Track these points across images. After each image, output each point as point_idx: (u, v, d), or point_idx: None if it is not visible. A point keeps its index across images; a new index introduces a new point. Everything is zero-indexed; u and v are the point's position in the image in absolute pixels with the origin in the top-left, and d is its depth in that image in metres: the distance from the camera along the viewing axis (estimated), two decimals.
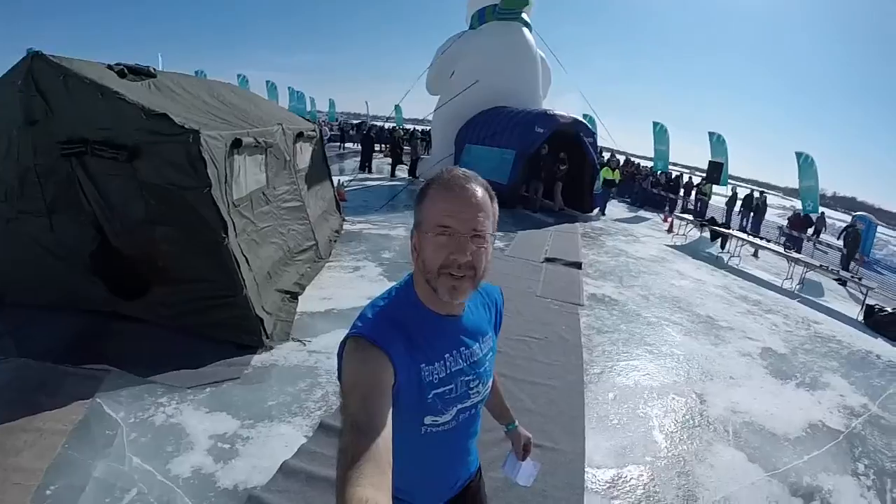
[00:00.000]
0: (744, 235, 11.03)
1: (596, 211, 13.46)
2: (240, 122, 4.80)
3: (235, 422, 3.09)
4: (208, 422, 3.07)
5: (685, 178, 18.57)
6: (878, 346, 6.55)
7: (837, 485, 3.35)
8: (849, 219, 15.94)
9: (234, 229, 3.96)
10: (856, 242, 11.55)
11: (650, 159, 18.57)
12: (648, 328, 5.51)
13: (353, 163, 16.80)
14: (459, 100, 13.29)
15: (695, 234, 12.65)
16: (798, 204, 14.53)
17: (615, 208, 15.08)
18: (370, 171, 16.00)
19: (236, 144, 4.18)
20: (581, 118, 13.56)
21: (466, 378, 1.07)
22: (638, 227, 13.06)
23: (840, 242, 14.94)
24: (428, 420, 1.02)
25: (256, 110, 5.66)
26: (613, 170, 13.97)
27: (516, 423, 1.48)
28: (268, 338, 3.95)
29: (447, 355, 1.03)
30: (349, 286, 5.52)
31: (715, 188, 16.38)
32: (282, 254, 5.06)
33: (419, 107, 15.06)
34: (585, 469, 2.98)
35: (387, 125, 25.72)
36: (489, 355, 1.15)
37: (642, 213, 16.22)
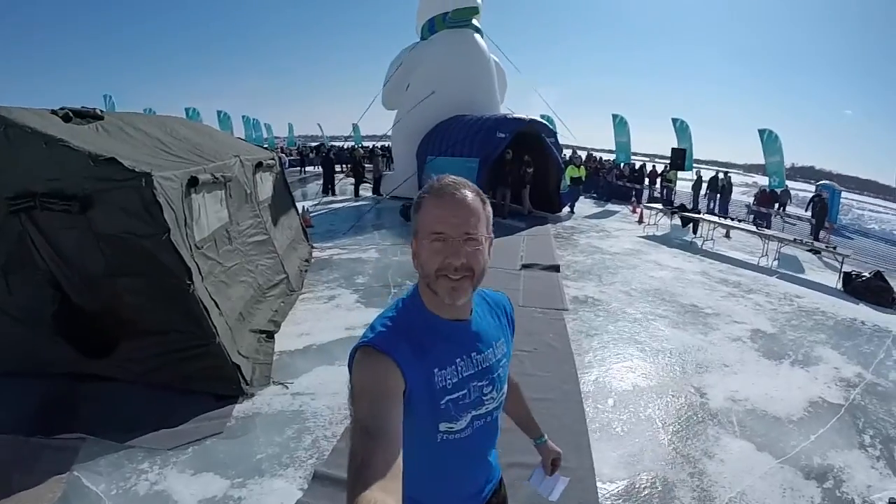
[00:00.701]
0: (715, 218, 11.38)
1: (566, 210, 13.65)
2: (195, 157, 4.66)
3: (224, 481, 2.91)
4: (195, 485, 2.87)
5: (649, 168, 19.05)
6: (862, 312, 6.78)
7: (847, 460, 3.41)
8: (811, 188, 16.68)
9: (200, 273, 3.82)
10: (823, 212, 12.06)
11: (613, 152, 19.02)
12: (636, 325, 5.54)
13: (316, 186, 16.68)
14: (417, 112, 13.41)
15: (665, 222, 12.95)
16: (760, 179, 15.12)
17: (583, 205, 15.34)
18: (334, 194, 15.98)
19: (193, 183, 4.05)
20: (539, 118, 13.80)
21: (479, 384, 1.09)
22: (609, 222, 13.31)
23: (807, 213, 15.60)
24: (443, 427, 1.04)
25: (212, 143, 5.52)
26: (578, 167, 14.23)
27: (545, 437, 1.50)
28: (248, 384, 3.80)
29: (458, 360, 1.06)
30: (326, 318, 5.38)
31: (679, 173, 16.84)
32: (252, 291, 4.92)
33: (377, 123, 15.16)
34: (597, 485, 2.92)
35: (346, 145, 25.56)
36: (503, 361, 1.17)
37: (610, 206, 16.57)
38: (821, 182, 15.34)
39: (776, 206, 14.10)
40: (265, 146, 29.40)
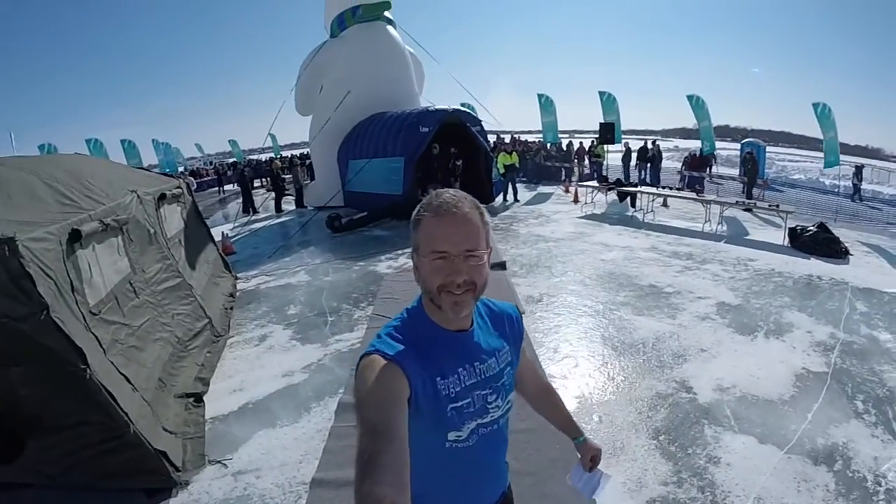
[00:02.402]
0: (653, 190, 11.66)
1: (500, 199, 13.61)
2: (80, 202, 3.95)
3: None
4: None
5: (576, 145, 19.49)
6: (815, 266, 7.12)
7: (848, 434, 3.43)
8: (731, 146, 17.71)
9: (101, 346, 3.29)
10: (755, 170, 12.75)
11: (539, 132, 19.29)
12: (600, 319, 5.39)
13: (237, 205, 15.72)
14: (334, 115, 13.08)
15: (601, 198, 13.20)
16: (681, 143, 15.85)
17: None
18: (255, 212, 15.22)
19: (75, 237, 3.43)
20: (461, 107, 13.73)
21: (483, 392, 1.15)
22: (545, 206, 13.39)
23: (732, 171, 16.58)
24: (452, 436, 1.10)
25: (102, 182, 4.74)
26: (510, 153, 14.18)
27: (585, 435, 1.56)
28: (180, 470, 3.25)
29: (460, 369, 1.12)
30: (259, 365, 4.78)
31: (607, 146, 17.30)
32: (171, 348, 4.31)
33: (296, 130, 14.54)
34: None
35: (265, 157, 24.56)
36: (507, 370, 1.23)
37: (542, 188, 16.80)
38: (745, 140, 16.31)
39: (707, 168, 14.78)
40: (180, 171, 27.89)
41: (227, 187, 24.08)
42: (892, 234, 9.72)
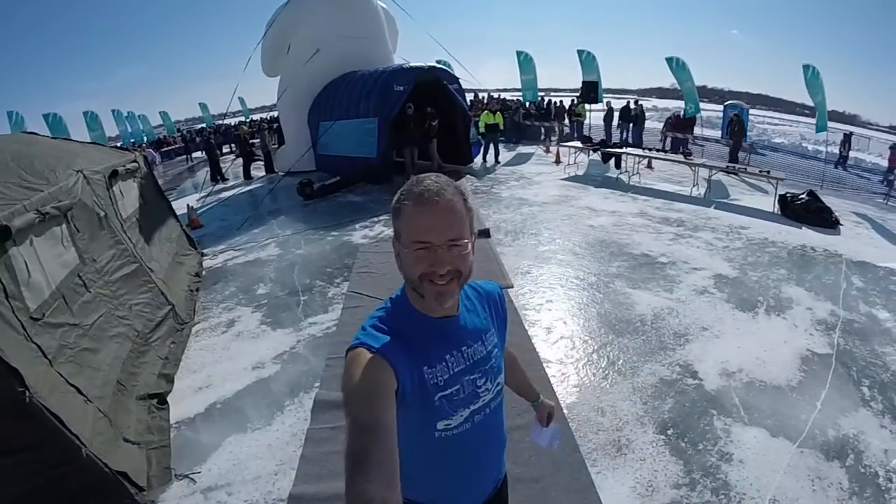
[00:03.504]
0: (640, 152, 11.36)
1: (479, 161, 13.19)
2: (11, 192, 3.39)
3: None
4: None
5: (557, 104, 19.03)
6: (807, 236, 7.00)
7: (857, 424, 3.31)
8: (712, 108, 17.50)
9: (46, 356, 2.85)
10: (740, 133, 12.57)
11: (518, 91, 18.77)
12: (594, 292, 5.13)
13: (206, 173, 15.05)
14: (303, 75, 12.55)
15: (583, 159, 12.88)
16: (658, 102, 15.58)
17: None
18: (224, 180, 14.59)
19: (4, 235, 2.89)
20: (436, 64, 13.14)
21: (472, 377, 1.15)
22: (526, 167, 13.02)
23: (715, 133, 16.42)
24: (441, 425, 1.10)
25: (42, 165, 4.14)
26: (494, 112, 13.62)
27: (541, 397, 1.66)
28: (144, 489, 2.88)
29: (448, 356, 1.12)
30: (227, 356, 4.35)
31: (587, 106, 16.91)
32: (131, 344, 3.86)
33: (267, 93, 13.84)
34: None
35: (234, 122, 23.62)
36: (494, 352, 1.23)
37: (522, 148, 16.38)
38: (728, 102, 16.08)
39: (690, 130, 14.56)
40: (144, 141, 27.48)
41: (195, 155, 23.37)
42: (877, 203, 9.73)
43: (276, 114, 18.08)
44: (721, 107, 17.69)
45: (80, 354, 3.22)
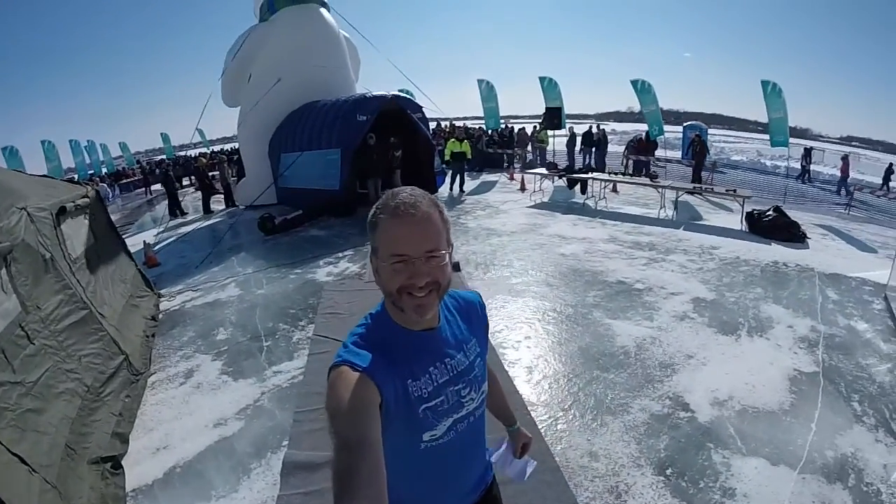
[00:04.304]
0: (606, 176, 11.61)
1: (446, 190, 13.25)
2: None
3: None
4: None
5: (516, 129, 19.40)
6: (778, 252, 7.20)
7: (854, 442, 3.35)
8: (673, 129, 18.17)
9: None
10: (702, 153, 12.98)
11: (480, 118, 19.08)
12: (573, 325, 5.08)
13: (166, 207, 14.65)
14: (263, 105, 12.45)
15: (548, 185, 13.07)
16: (617, 126, 16.00)
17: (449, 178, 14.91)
18: (183, 214, 14.31)
19: None
20: (399, 93, 13.24)
21: (456, 387, 1.18)
22: (491, 195, 13.13)
23: (674, 154, 16.96)
24: (426, 437, 1.12)
25: None
26: (461, 141, 13.71)
27: (517, 424, 1.64)
28: None
29: (431, 368, 1.14)
30: (186, 410, 4.07)
31: (549, 131, 17.29)
32: (80, 401, 3.55)
33: (229, 124, 13.72)
34: None
35: (193, 153, 23.27)
36: (477, 361, 1.26)
37: (485, 176, 16.56)
38: (688, 123, 16.68)
39: (653, 153, 15.00)
40: (104, 172, 27.39)
41: (154, 187, 23.13)
42: (840, 214, 10.13)
43: (236, 145, 17.96)
44: (680, 128, 18.34)
45: (23, 417, 2.94)
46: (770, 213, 8.04)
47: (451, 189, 13.43)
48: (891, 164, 15.24)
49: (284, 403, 3.98)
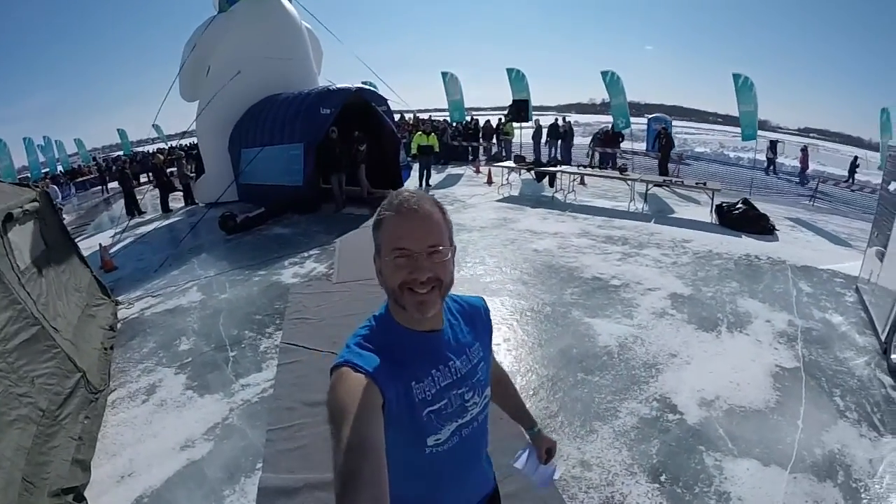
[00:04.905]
0: (575, 169, 11.67)
1: (415, 186, 13.09)
2: None
3: None
4: None
5: (481, 122, 19.38)
6: (749, 245, 7.37)
7: (840, 438, 3.42)
8: (637, 120, 18.46)
9: None
10: (668, 146, 13.20)
11: (445, 111, 18.98)
12: (553, 325, 5.04)
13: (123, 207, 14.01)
14: (223, 99, 12.12)
15: (515, 178, 13.07)
16: (576, 117, 16.11)
17: (416, 173, 14.76)
18: (140, 213, 13.70)
19: None
20: (363, 85, 13.06)
21: (459, 391, 1.19)
22: (457, 189, 13.07)
23: (638, 146, 17.24)
24: (431, 441, 1.13)
25: None
26: (428, 134, 13.56)
27: (538, 425, 1.64)
28: None
29: (434, 371, 1.15)
30: (150, 432, 3.79)
31: (514, 123, 17.31)
32: (35, 427, 3.25)
33: (189, 118, 13.10)
34: None
35: (151, 149, 22.49)
36: (480, 365, 1.27)
37: (450, 169, 16.47)
38: (653, 115, 16.97)
39: (618, 145, 15.21)
40: (59, 171, 26.75)
41: (111, 185, 22.52)
42: (804, 206, 10.46)
43: (194, 140, 17.41)
44: (643, 120, 18.66)
45: None
46: (739, 205, 8.22)
47: (420, 183, 13.30)
48: (856, 158, 15.96)
49: (255, 420, 3.77)
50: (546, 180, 12.68)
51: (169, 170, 14.87)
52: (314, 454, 3.19)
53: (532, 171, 12.60)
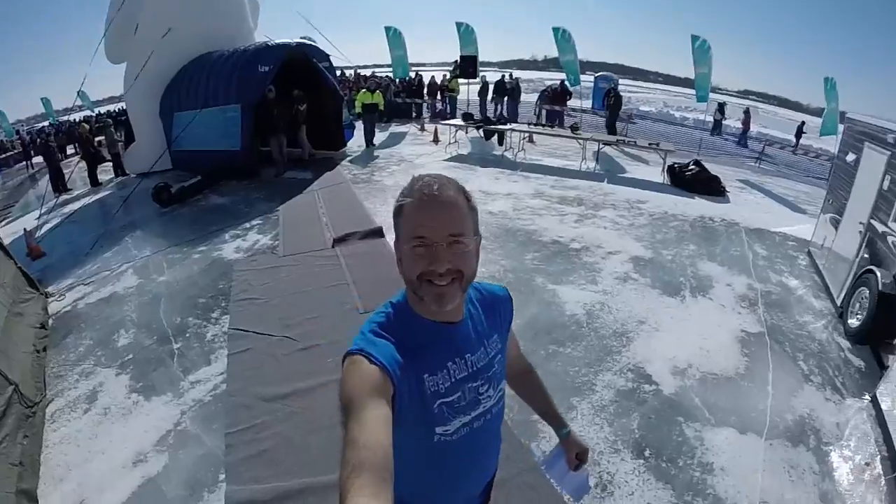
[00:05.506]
0: (526, 128, 11.54)
1: (361, 146, 12.61)
2: None
3: None
4: None
5: (428, 79, 18.87)
6: (702, 206, 7.54)
7: (808, 403, 3.55)
8: (586, 79, 18.50)
9: None
10: (618, 105, 13.26)
11: (388, 66, 18.28)
12: (517, 293, 4.62)
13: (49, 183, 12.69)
14: (153, 59, 11.06)
15: (462, 137, 12.83)
16: (521, 75, 15.97)
17: (360, 132, 14.25)
18: (67, 190, 12.47)
19: None
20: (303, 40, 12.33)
21: (474, 384, 1.16)
22: (403, 147, 12.69)
23: (586, 104, 17.32)
24: (440, 430, 1.11)
25: None
26: (373, 91, 13.04)
27: (569, 427, 1.55)
28: None
29: (450, 363, 1.13)
30: (96, 448, 3.32)
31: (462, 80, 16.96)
32: None
33: (113, 84, 11.91)
34: None
35: (77, 118, 20.50)
36: (497, 357, 1.24)
37: (394, 127, 15.99)
38: (600, 74, 16.97)
39: (566, 103, 15.17)
40: None
41: (36, 160, 20.52)
42: (751, 167, 10.80)
43: (123, 105, 16.09)
44: (590, 78, 18.69)
45: None
46: (692, 166, 8.36)
47: (367, 143, 12.82)
48: (802, 123, 16.70)
49: (211, 423, 3.39)
50: (495, 138, 12.50)
51: (97, 139, 13.73)
52: (280, 458, 2.91)
53: (480, 130, 12.37)
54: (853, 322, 4.26)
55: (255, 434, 3.13)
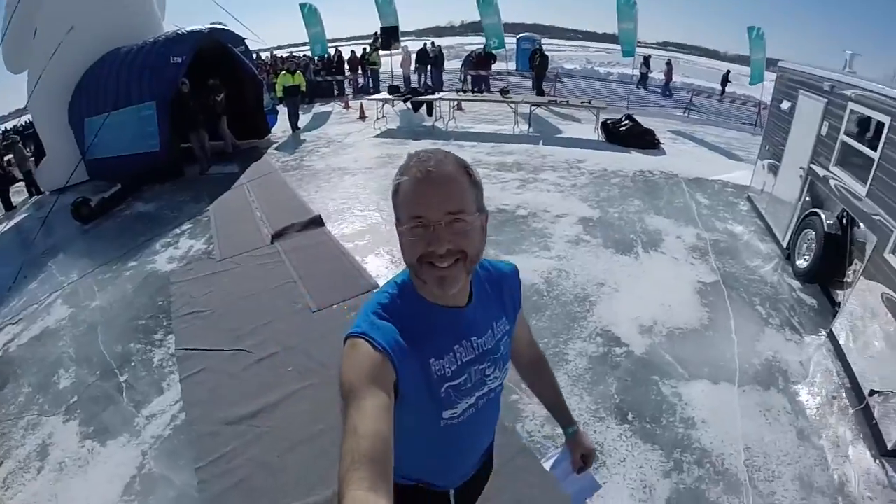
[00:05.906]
0: (455, 95, 11.39)
1: (287, 131, 12.08)
2: None
3: None
4: None
5: (347, 54, 18.33)
6: (639, 161, 7.69)
7: (771, 345, 3.68)
8: (508, 40, 18.47)
9: None
10: (543, 65, 13.28)
11: (305, 45, 17.62)
12: None
13: None
14: (57, 63, 10.09)
15: (388, 110, 12.53)
16: (435, 41, 15.82)
17: (283, 117, 13.67)
18: None
19: None
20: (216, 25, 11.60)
21: (481, 367, 1.15)
22: (331, 128, 12.25)
23: (510, 67, 17.30)
24: (447, 414, 1.11)
25: None
26: (293, 73, 12.52)
27: (577, 426, 1.52)
28: None
29: (456, 347, 1.10)
30: None
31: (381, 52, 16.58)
32: None
33: (17, 95, 10.70)
34: None
35: None
36: (504, 339, 1.23)
37: (317, 107, 15.44)
38: (521, 35, 16.90)
39: (490, 67, 15.09)
40: None
41: None
42: (680, 118, 11.09)
43: (29, 118, 14.69)
44: (512, 39, 18.62)
45: None
46: (625, 121, 8.47)
47: (292, 127, 12.28)
48: (728, 72, 17.32)
49: (177, 459, 3.05)
50: (423, 109, 12.28)
51: (5, 158, 12.51)
52: (258, 485, 2.67)
53: (408, 102, 12.11)
54: (801, 263, 4.43)
55: (227, 464, 2.83)
